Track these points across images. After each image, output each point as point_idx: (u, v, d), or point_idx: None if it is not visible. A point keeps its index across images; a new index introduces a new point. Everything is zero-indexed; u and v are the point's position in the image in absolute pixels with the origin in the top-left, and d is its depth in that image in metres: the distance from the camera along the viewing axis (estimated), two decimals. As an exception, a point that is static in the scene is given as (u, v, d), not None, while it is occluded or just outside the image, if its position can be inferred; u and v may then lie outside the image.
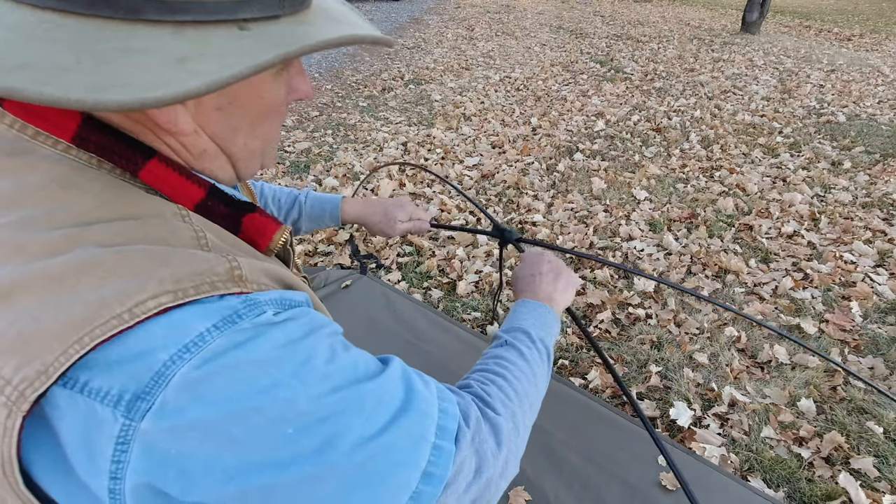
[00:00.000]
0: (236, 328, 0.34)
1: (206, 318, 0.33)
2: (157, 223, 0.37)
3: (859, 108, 5.03)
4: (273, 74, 0.42)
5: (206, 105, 0.40)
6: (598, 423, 1.53)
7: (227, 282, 0.36)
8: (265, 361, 0.34)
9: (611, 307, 2.34)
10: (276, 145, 0.50)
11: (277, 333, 0.35)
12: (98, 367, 0.31)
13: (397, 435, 0.38)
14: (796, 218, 3.05)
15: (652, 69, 6.41)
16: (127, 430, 0.31)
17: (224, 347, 0.33)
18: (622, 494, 1.34)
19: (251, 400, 0.33)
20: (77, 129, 0.37)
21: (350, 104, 5.13)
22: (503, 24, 9.49)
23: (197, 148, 0.42)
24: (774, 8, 11.67)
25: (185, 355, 0.32)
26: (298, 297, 0.40)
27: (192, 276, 0.34)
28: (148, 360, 0.32)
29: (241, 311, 0.35)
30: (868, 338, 2.17)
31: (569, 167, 3.73)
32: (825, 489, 1.56)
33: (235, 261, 0.37)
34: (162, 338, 0.32)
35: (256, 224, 0.45)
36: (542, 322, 0.67)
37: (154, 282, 0.33)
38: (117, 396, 0.31)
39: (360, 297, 1.95)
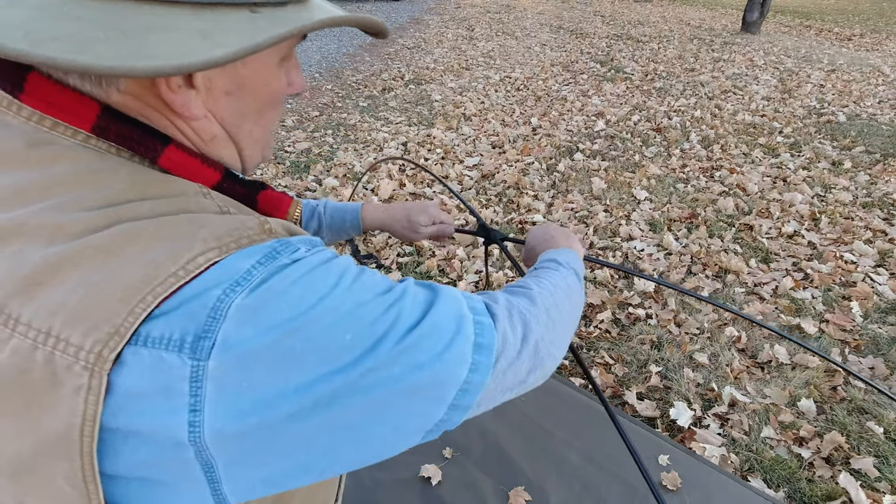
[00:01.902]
0: (277, 261, 0.36)
1: (249, 258, 0.36)
2: (184, 200, 0.39)
3: (860, 107, 5.03)
4: (277, 63, 0.44)
5: (216, 90, 0.41)
6: (598, 423, 1.53)
7: (261, 234, 0.38)
8: (309, 281, 0.37)
9: (611, 307, 2.34)
10: (273, 137, 0.52)
11: (313, 259, 0.39)
12: (158, 319, 0.33)
13: (439, 317, 0.41)
14: (797, 218, 3.05)
15: (652, 69, 6.40)
16: (196, 370, 0.33)
17: (270, 275, 0.35)
18: (622, 494, 1.34)
19: (305, 314, 0.35)
20: (96, 118, 0.39)
21: (350, 104, 5.13)
22: (503, 24, 9.49)
23: (208, 133, 0.44)
24: (775, 8, 11.67)
25: (236, 288, 0.34)
26: (319, 241, 0.43)
27: (230, 232, 0.37)
28: (202, 300, 0.34)
29: (278, 248, 0.37)
30: (868, 338, 2.17)
31: (569, 167, 3.73)
32: (825, 489, 1.56)
33: (263, 217, 0.40)
34: (213, 280, 0.34)
35: (271, 199, 0.48)
36: (567, 255, 0.70)
37: (198, 241, 0.35)
38: (180, 340, 0.33)
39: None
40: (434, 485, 1.37)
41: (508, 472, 1.40)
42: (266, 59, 0.43)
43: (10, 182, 0.37)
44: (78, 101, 0.38)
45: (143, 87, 0.39)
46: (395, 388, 0.37)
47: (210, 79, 0.40)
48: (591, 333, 2.20)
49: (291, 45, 0.45)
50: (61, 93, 0.38)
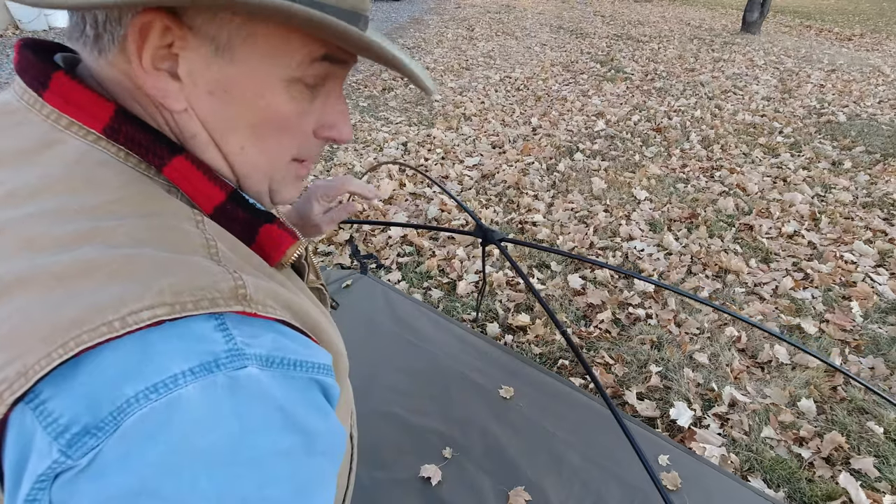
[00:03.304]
0: (210, 380, 0.31)
1: (185, 359, 0.31)
2: (171, 225, 0.36)
3: (860, 107, 5.03)
4: (283, 80, 0.39)
5: (200, 86, 0.38)
6: (598, 423, 1.53)
7: (229, 299, 0.34)
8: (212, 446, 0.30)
9: (611, 307, 2.34)
10: (288, 173, 0.46)
11: (249, 405, 0.32)
12: (66, 381, 0.29)
13: None
14: (797, 218, 3.05)
15: (652, 69, 6.40)
16: (55, 468, 0.28)
17: (188, 402, 0.30)
18: (622, 494, 1.34)
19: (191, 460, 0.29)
20: (109, 119, 0.38)
21: (350, 104, 5.13)
22: (503, 24, 9.48)
23: (188, 130, 0.40)
24: (775, 8, 11.67)
25: (151, 395, 0.29)
26: (296, 351, 0.36)
27: (194, 289, 0.32)
28: (112, 391, 0.29)
29: (221, 359, 0.32)
30: (868, 338, 2.16)
31: (569, 167, 3.73)
32: (825, 489, 1.56)
33: (241, 279, 0.35)
34: (137, 366, 0.30)
35: (273, 235, 0.43)
36: None
37: (153, 291, 0.31)
38: (64, 427, 0.28)
39: (361, 297, 1.95)
40: (434, 485, 1.37)
41: (508, 472, 1.40)
42: (262, 65, 0.38)
43: (13, 180, 0.36)
44: (95, 101, 0.38)
45: (126, 62, 0.37)
46: None
47: (194, 72, 0.37)
48: (591, 333, 2.20)
49: (300, 60, 0.39)
50: (80, 92, 0.38)
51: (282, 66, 0.39)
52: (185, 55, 0.37)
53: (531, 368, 1.74)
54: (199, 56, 0.37)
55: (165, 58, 0.37)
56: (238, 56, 0.37)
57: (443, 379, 1.65)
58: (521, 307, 2.35)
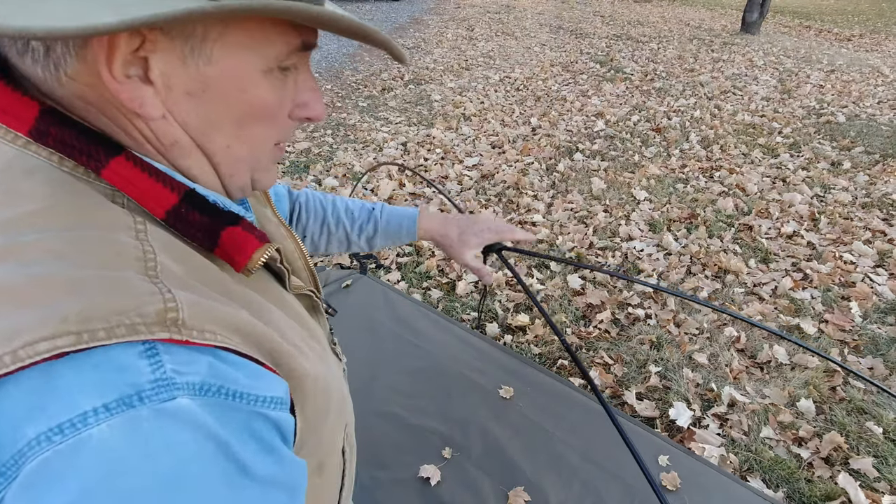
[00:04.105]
0: (130, 416, 0.27)
1: (98, 394, 0.27)
2: (100, 238, 0.32)
3: (859, 108, 5.03)
4: (260, 71, 0.38)
5: (176, 89, 0.36)
6: (597, 423, 1.53)
7: (153, 325, 0.29)
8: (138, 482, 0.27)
9: (610, 307, 2.34)
10: (269, 159, 0.44)
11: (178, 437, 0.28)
12: None
13: None
14: (796, 218, 3.06)
15: (652, 69, 6.41)
16: None
17: (99, 443, 0.26)
18: (622, 494, 1.34)
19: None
20: (34, 121, 0.34)
21: (350, 104, 5.13)
22: (503, 24, 9.49)
23: (168, 137, 0.38)
24: (774, 8, 11.67)
25: (54, 437, 0.26)
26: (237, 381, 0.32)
27: (108, 314, 0.28)
28: (13, 432, 0.26)
29: (146, 392, 0.28)
30: (868, 338, 2.17)
31: (569, 167, 3.74)
32: (825, 489, 1.56)
33: (174, 300, 0.31)
34: (38, 404, 0.26)
35: (237, 238, 0.39)
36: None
37: (58, 317, 0.27)
38: None
39: (360, 297, 1.95)
40: (433, 485, 1.37)
41: (508, 472, 1.40)
42: (241, 61, 0.36)
43: None
44: (17, 101, 0.34)
45: (91, 75, 0.34)
46: None
47: (168, 75, 0.35)
48: (591, 333, 2.20)
49: (282, 52, 0.38)
50: (2, 92, 0.34)
51: (260, 56, 0.37)
52: (156, 57, 0.34)
53: (531, 368, 1.74)
54: (173, 57, 0.34)
55: (132, 63, 0.33)
56: (215, 52, 0.35)
57: (443, 379, 1.65)
58: (520, 307, 2.35)
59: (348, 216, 0.87)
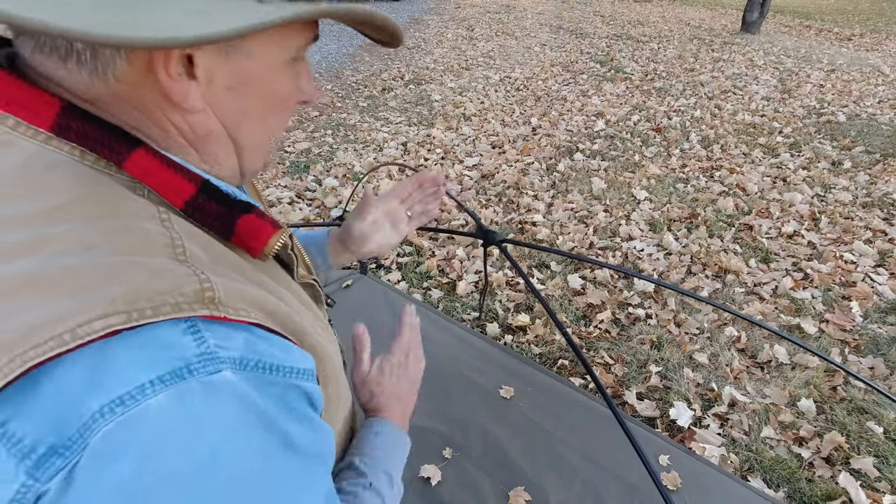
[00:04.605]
0: (182, 388, 0.29)
1: (151, 367, 0.29)
2: (129, 226, 0.34)
3: (859, 107, 5.03)
4: (286, 63, 0.41)
5: (217, 83, 0.38)
6: (598, 422, 1.53)
7: (193, 303, 0.31)
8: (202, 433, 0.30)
9: (611, 307, 2.34)
10: (276, 144, 0.48)
11: (225, 410, 0.31)
12: (25, 402, 0.28)
13: None
14: (796, 218, 3.05)
15: (652, 69, 6.40)
16: (24, 491, 0.27)
17: (158, 413, 0.28)
18: (622, 494, 1.34)
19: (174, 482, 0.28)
20: (56, 116, 0.35)
21: (350, 104, 5.13)
22: (503, 24, 9.49)
23: (203, 128, 0.40)
24: (774, 8, 11.67)
25: (116, 409, 0.28)
26: (272, 355, 0.35)
27: (152, 294, 0.30)
28: (77, 407, 0.28)
29: (193, 364, 0.30)
30: (868, 338, 2.17)
31: (569, 167, 3.73)
32: (825, 489, 1.56)
33: (209, 281, 0.33)
34: (98, 379, 0.28)
35: (252, 226, 0.41)
36: (402, 453, 0.69)
37: (108, 298, 0.29)
38: (29, 448, 0.27)
39: (361, 297, 1.95)
40: (434, 485, 1.37)
41: (508, 472, 1.40)
42: (273, 54, 0.40)
43: None
44: (38, 98, 0.35)
45: (140, 75, 0.35)
46: None
47: (211, 70, 0.37)
48: (591, 333, 2.20)
49: (301, 44, 0.41)
50: (20, 88, 0.35)
51: (287, 49, 0.40)
52: (201, 54, 0.36)
53: (531, 368, 1.74)
54: (217, 54, 0.37)
55: (180, 61, 0.36)
56: (254, 49, 0.38)
57: (443, 379, 1.65)
58: (520, 307, 2.35)
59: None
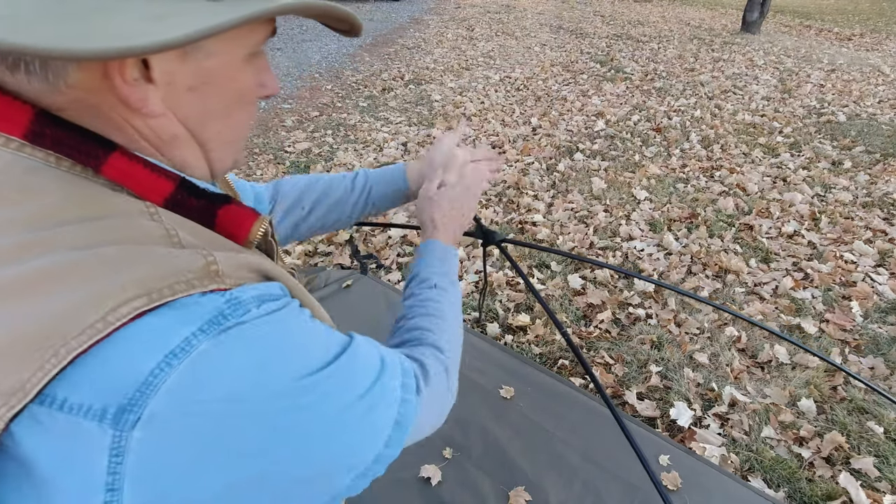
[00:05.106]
0: (222, 329, 0.33)
1: (189, 322, 0.32)
2: (124, 223, 0.35)
3: (860, 107, 5.03)
4: (244, 59, 0.41)
5: (178, 85, 0.38)
6: (598, 422, 1.53)
7: (203, 279, 0.34)
8: (259, 357, 0.34)
9: (611, 307, 2.34)
10: (245, 141, 0.49)
11: (265, 328, 0.35)
12: (75, 382, 0.30)
13: (376, 397, 0.42)
14: (797, 218, 3.05)
15: (652, 69, 6.40)
16: (119, 440, 0.29)
17: (215, 350, 0.32)
18: (622, 494, 1.34)
19: (252, 393, 0.33)
20: (29, 123, 0.35)
21: (350, 104, 5.13)
22: (503, 24, 9.48)
23: (167, 132, 0.40)
24: (774, 7, 11.66)
25: (172, 361, 0.30)
26: (275, 288, 0.39)
27: (165, 276, 0.33)
28: (130, 371, 0.30)
29: (225, 311, 0.33)
30: (868, 338, 2.16)
31: (569, 167, 3.73)
32: (826, 489, 1.56)
33: (211, 255, 0.36)
34: (144, 345, 0.31)
35: (232, 216, 0.43)
36: (454, 259, 0.74)
37: (126, 286, 0.31)
38: (101, 410, 0.29)
39: (361, 297, 1.95)
40: (434, 485, 1.37)
41: (508, 472, 1.40)
42: (231, 52, 0.39)
43: None
44: (9, 105, 0.35)
45: (95, 80, 0.35)
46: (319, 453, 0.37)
47: (170, 73, 0.36)
48: (591, 333, 2.20)
49: (259, 40, 0.41)
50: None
51: (245, 45, 0.41)
52: (157, 58, 0.35)
53: (531, 368, 1.74)
54: (173, 57, 0.36)
55: (136, 65, 0.35)
56: (212, 49, 0.38)
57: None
58: (521, 307, 2.35)
59: (336, 178, 0.88)
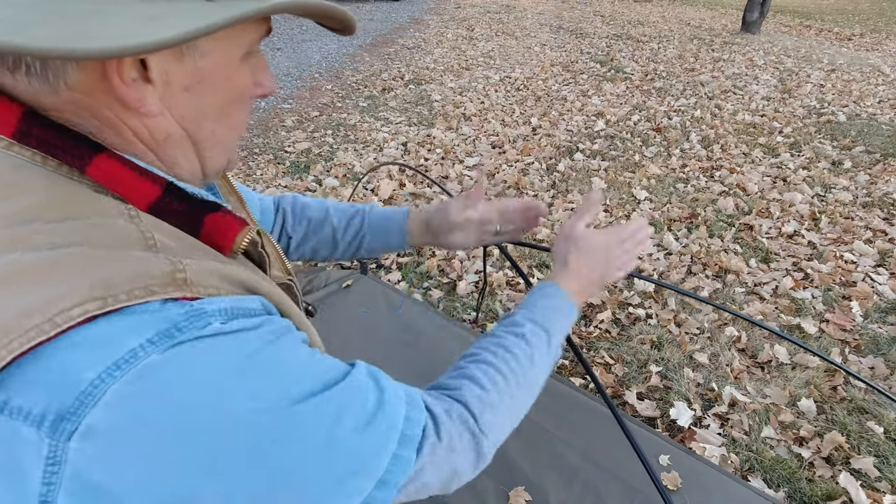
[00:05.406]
0: (173, 343, 0.31)
1: (139, 332, 0.31)
2: (101, 223, 0.35)
3: (860, 107, 5.02)
4: (240, 58, 0.41)
5: (174, 85, 0.38)
6: (598, 422, 1.53)
7: (166, 286, 0.33)
8: (207, 379, 0.31)
9: (611, 307, 2.34)
10: (239, 141, 0.48)
11: (226, 346, 0.33)
12: (19, 383, 0.29)
13: (362, 443, 0.37)
14: (797, 218, 3.05)
15: (652, 69, 6.40)
16: (55, 450, 0.29)
17: (162, 363, 0.30)
18: (622, 494, 1.34)
19: (192, 419, 0.30)
20: (17, 123, 0.35)
21: (350, 104, 5.13)
22: (503, 24, 9.48)
23: (162, 132, 0.40)
24: (774, 7, 11.66)
25: (115, 373, 0.29)
26: (252, 303, 0.37)
27: (126, 280, 0.32)
28: (72, 379, 0.29)
29: (180, 323, 0.32)
30: (868, 338, 2.16)
31: (569, 167, 3.73)
32: (826, 489, 1.56)
33: (181, 263, 0.35)
34: (88, 353, 0.30)
35: (218, 223, 0.42)
36: (564, 320, 0.64)
37: (82, 288, 0.31)
38: (40, 417, 0.29)
39: (361, 297, 1.95)
40: (434, 485, 1.37)
41: (508, 472, 1.40)
42: (227, 52, 0.40)
43: None
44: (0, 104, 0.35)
45: (94, 81, 0.35)
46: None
47: (167, 73, 0.37)
48: (591, 333, 2.20)
49: (254, 39, 0.42)
50: None
51: (240, 45, 0.41)
52: (155, 58, 0.36)
53: (531, 368, 1.73)
54: (170, 57, 0.37)
55: (133, 65, 0.36)
56: (207, 48, 0.38)
57: (443, 379, 1.65)
58: (521, 307, 2.35)
59: (336, 212, 0.84)
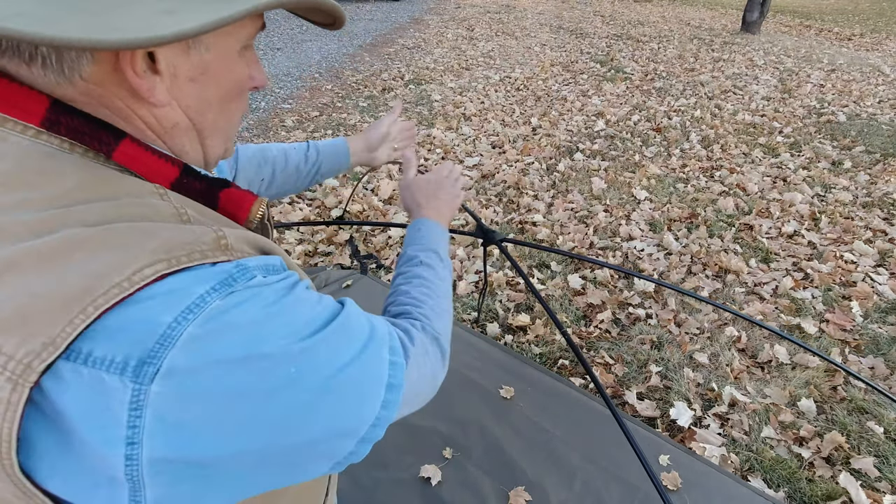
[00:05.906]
0: (232, 290, 0.36)
1: (203, 282, 0.35)
2: (137, 202, 0.38)
3: (860, 107, 5.03)
4: (238, 51, 0.44)
5: (181, 76, 0.41)
6: (598, 422, 1.53)
7: (214, 250, 0.37)
8: (263, 317, 0.37)
9: (611, 307, 2.34)
10: (235, 130, 0.52)
11: (268, 292, 0.38)
12: (100, 337, 0.32)
13: (367, 359, 0.44)
14: (797, 218, 3.05)
15: (652, 69, 6.40)
16: (138, 394, 0.31)
17: (225, 307, 0.35)
18: (622, 494, 1.34)
19: (256, 350, 0.35)
20: (46, 112, 0.37)
21: (350, 104, 5.13)
22: (503, 24, 9.48)
23: (169, 121, 0.43)
24: (774, 8, 11.66)
25: (188, 316, 0.33)
26: (275, 261, 0.42)
27: (182, 245, 0.35)
28: (151, 325, 0.32)
29: (234, 274, 0.37)
30: (868, 338, 2.16)
31: (569, 167, 3.73)
32: (826, 489, 1.56)
33: (221, 230, 0.39)
34: (163, 302, 0.33)
35: (233, 197, 0.46)
36: (441, 238, 0.80)
37: (147, 252, 0.34)
38: (123, 363, 0.31)
39: (361, 297, 1.95)
40: (434, 485, 1.37)
41: (508, 472, 1.40)
42: (228, 45, 0.43)
43: None
44: (26, 96, 0.37)
45: (107, 73, 0.38)
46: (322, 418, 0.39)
47: (175, 65, 0.40)
48: (591, 333, 2.20)
49: (251, 33, 0.45)
50: (8, 87, 0.37)
51: (239, 39, 0.44)
52: (163, 51, 0.38)
53: (531, 368, 1.74)
54: (178, 49, 0.39)
55: (144, 57, 0.38)
56: (211, 42, 0.41)
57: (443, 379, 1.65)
58: (521, 307, 2.35)
59: (290, 149, 0.95)
